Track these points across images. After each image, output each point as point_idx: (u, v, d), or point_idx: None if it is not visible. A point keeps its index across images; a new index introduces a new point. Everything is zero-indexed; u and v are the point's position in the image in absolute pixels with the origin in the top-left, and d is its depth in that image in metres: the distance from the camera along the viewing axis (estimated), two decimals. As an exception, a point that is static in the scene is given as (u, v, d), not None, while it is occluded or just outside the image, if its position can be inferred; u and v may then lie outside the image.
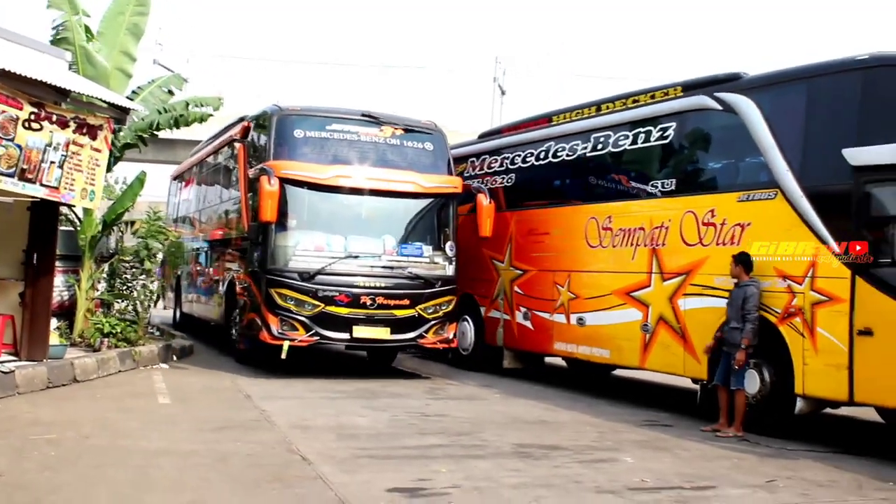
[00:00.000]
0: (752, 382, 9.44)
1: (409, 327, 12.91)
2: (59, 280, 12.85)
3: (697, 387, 10.83)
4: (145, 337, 14.08)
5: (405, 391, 11.94)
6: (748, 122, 9.90)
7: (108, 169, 13.35)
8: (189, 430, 8.38)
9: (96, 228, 13.75)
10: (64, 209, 12.32)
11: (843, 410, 10.29)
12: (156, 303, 15.08)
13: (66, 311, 13.47)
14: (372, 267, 12.83)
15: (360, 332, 12.58)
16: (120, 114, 10.84)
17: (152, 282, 14.81)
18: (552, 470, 7.34)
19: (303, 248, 12.58)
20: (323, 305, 12.45)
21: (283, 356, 12.32)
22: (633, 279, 11.30)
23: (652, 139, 11.43)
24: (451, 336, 13.32)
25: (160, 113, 14.72)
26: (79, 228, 13.73)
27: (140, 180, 15.03)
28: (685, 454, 8.27)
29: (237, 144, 14.80)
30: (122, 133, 13.87)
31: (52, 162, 9.67)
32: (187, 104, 15.30)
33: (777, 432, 9.29)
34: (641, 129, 11.63)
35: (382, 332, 12.71)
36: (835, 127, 8.98)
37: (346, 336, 12.58)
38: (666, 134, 11.22)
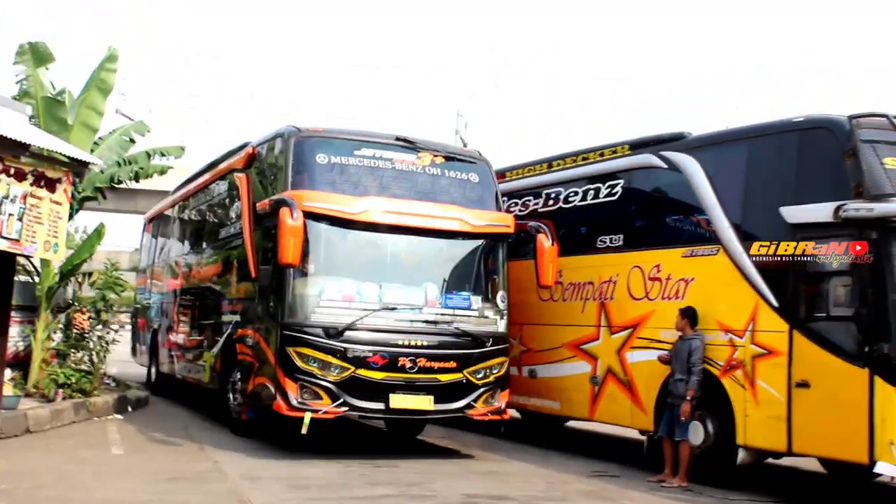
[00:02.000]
0: (696, 434, 9.65)
1: (456, 395, 10.60)
2: (14, 330, 12.64)
3: (645, 438, 10.88)
4: (101, 388, 13.84)
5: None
6: (691, 181, 10.27)
7: (69, 219, 12.94)
8: (142, 480, 8.54)
9: (54, 279, 13.75)
10: (21, 259, 12.12)
11: (788, 461, 10.31)
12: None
13: (21, 362, 13.10)
14: (412, 322, 10.53)
15: (399, 401, 10.23)
16: (79, 167, 10.79)
17: (108, 333, 14.36)
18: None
19: (328, 297, 10.25)
20: (353, 368, 10.10)
21: (304, 430, 9.94)
22: (582, 332, 11.55)
23: (601, 195, 11.75)
24: (503, 405, 10.99)
25: (120, 165, 15.11)
26: (36, 279, 13.72)
27: (98, 232, 15.28)
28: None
29: (239, 175, 12.42)
30: (81, 185, 13.80)
31: (10, 214, 9.55)
32: (149, 155, 15.90)
33: (720, 482, 9.46)
34: (591, 186, 11.97)
35: (425, 402, 10.37)
36: (773, 186, 9.37)
37: (380, 406, 10.23)
38: (614, 191, 11.55)
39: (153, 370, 17.49)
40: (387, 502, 8.00)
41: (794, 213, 8.85)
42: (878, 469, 8.16)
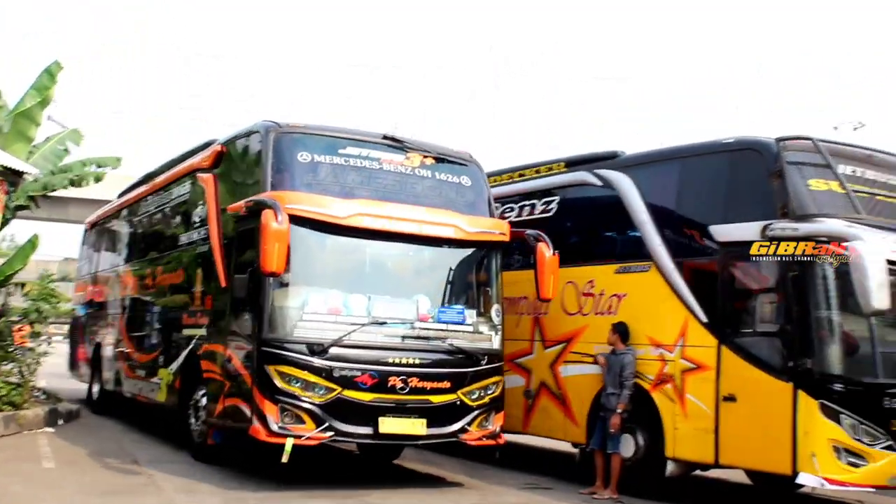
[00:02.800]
0: (627, 446, 9.78)
1: (450, 418, 9.69)
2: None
3: (577, 451, 11.07)
4: (31, 401, 13.37)
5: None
6: (625, 198, 10.41)
7: (1, 227, 14.19)
8: (75, 493, 8.49)
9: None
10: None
11: (715, 472, 10.41)
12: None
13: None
14: (403, 338, 9.59)
15: (389, 425, 9.28)
16: (14, 177, 10.80)
17: (40, 345, 13.86)
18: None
19: (312, 310, 9.26)
20: (340, 389, 9.13)
21: (286, 458, 8.92)
22: (516, 346, 11.41)
23: (536, 212, 11.87)
24: (497, 429, 10.09)
25: (54, 173, 15.25)
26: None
27: (32, 243, 15.41)
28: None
29: (204, 176, 11.40)
30: (14, 194, 13.68)
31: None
32: (84, 164, 16.08)
33: (650, 494, 9.59)
34: (527, 202, 12.07)
35: (417, 426, 9.44)
36: (704, 205, 9.58)
37: (368, 431, 9.28)
38: (549, 207, 11.71)
39: (96, 387, 16.15)
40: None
41: (724, 232, 9.04)
42: (800, 480, 8.30)
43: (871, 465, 8.16)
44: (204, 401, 10.60)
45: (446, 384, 9.58)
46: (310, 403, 9.03)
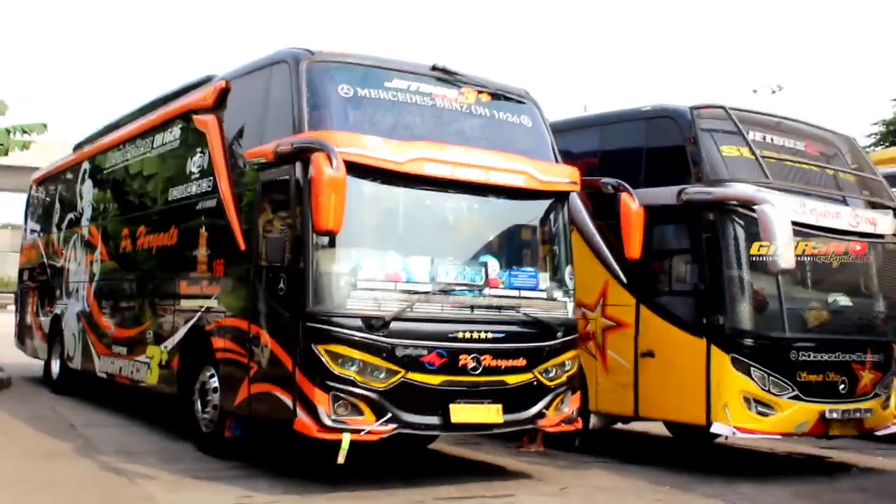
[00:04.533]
0: None
1: (526, 401, 8.18)
2: None
3: None
4: None
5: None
6: None
7: None
8: (16, 458, 8.58)
9: None
10: None
11: (638, 426, 10.97)
12: None
13: None
14: (472, 308, 7.97)
15: (462, 413, 7.73)
16: None
17: None
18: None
19: (367, 276, 7.58)
20: (404, 372, 7.52)
21: (342, 459, 7.32)
22: None
23: None
24: (574, 412, 8.60)
25: None
26: None
27: None
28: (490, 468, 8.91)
29: (203, 119, 9.59)
30: None
31: None
32: (8, 131, 15.85)
33: (574, 447, 9.64)
34: None
35: (492, 413, 7.89)
36: (623, 170, 9.39)
37: (437, 421, 7.71)
38: None
39: (56, 364, 14.16)
40: (259, 472, 8.33)
41: (641, 196, 8.96)
42: (714, 429, 8.66)
43: (779, 414, 8.62)
44: (215, 385, 8.88)
45: (522, 362, 8.05)
46: (369, 390, 7.41)
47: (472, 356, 7.73)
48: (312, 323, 7.43)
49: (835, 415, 8.83)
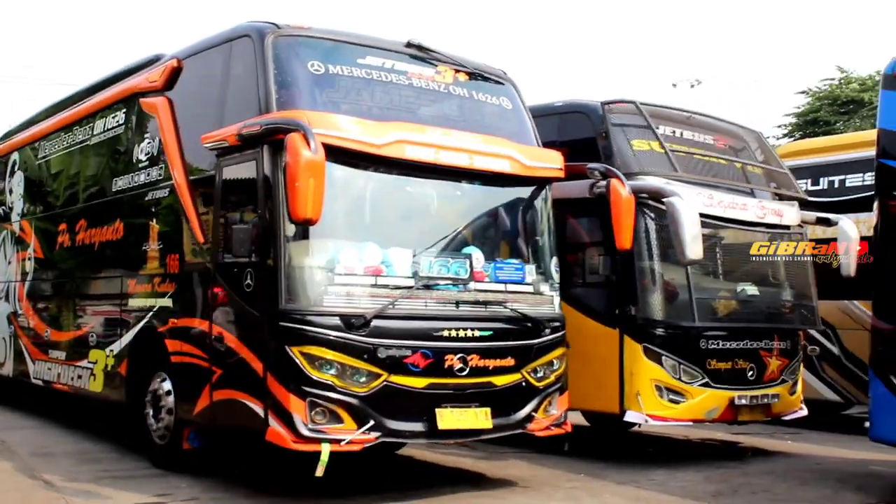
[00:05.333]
0: None
1: (514, 404, 7.59)
2: None
3: None
4: None
5: None
6: None
7: None
8: None
9: None
10: None
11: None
12: None
13: None
14: (457, 304, 7.33)
15: (449, 419, 7.10)
16: None
17: None
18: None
19: (345, 270, 6.88)
20: (386, 374, 6.84)
21: (321, 472, 6.61)
22: None
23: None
24: (563, 414, 8.02)
25: None
26: None
27: None
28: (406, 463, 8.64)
29: (152, 101, 8.79)
30: None
31: None
32: None
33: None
34: None
35: (481, 417, 7.27)
36: None
37: (422, 428, 7.05)
38: None
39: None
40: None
41: (556, 189, 8.65)
42: (627, 418, 8.80)
43: (690, 401, 8.81)
44: (168, 391, 8.10)
45: (510, 361, 7.46)
46: (349, 395, 6.74)
47: (458, 356, 7.11)
48: (285, 322, 6.72)
49: (743, 401, 9.06)
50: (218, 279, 7.47)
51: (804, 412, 9.96)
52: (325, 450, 6.57)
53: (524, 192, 8.12)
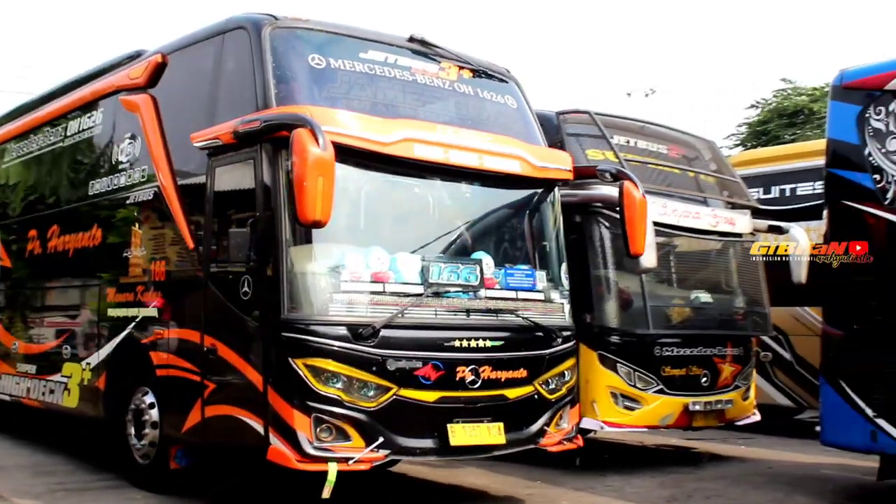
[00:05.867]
0: None
1: (527, 418, 7.17)
2: None
3: None
4: None
5: None
6: None
7: None
8: None
9: None
10: None
11: None
12: None
13: None
14: (468, 312, 6.91)
15: (461, 435, 6.67)
16: None
17: None
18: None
19: (351, 276, 6.43)
20: (396, 388, 6.40)
21: (327, 493, 6.16)
22: None
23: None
24: (574, 428, 7.63)
25: None
26: None
27: None
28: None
29: (134, 99, 8.29)
30: None
31: None
32: None
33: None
34: None
35: (493, 433, 6.85)
36: None
37: (433, 445, 6.62)
38: None
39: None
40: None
41: None
42: (583, 424, 8.54)
43: (645, 407, 8.87)
44: (150, 407, 7.59)
45: (523, 373, 7.05)
46: (356, 410, 6.28)
47: (470, 368, 6.69)
48: (288, 333, 6.26)
49: (697, 407, 9.13)
50: (210, 287, 6.98)
51: (757, 417, 10.09)
52: (333, 469, 6.12)
53: (532, 194, 7.74)
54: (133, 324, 7.99)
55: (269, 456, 6.27)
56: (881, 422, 7.33)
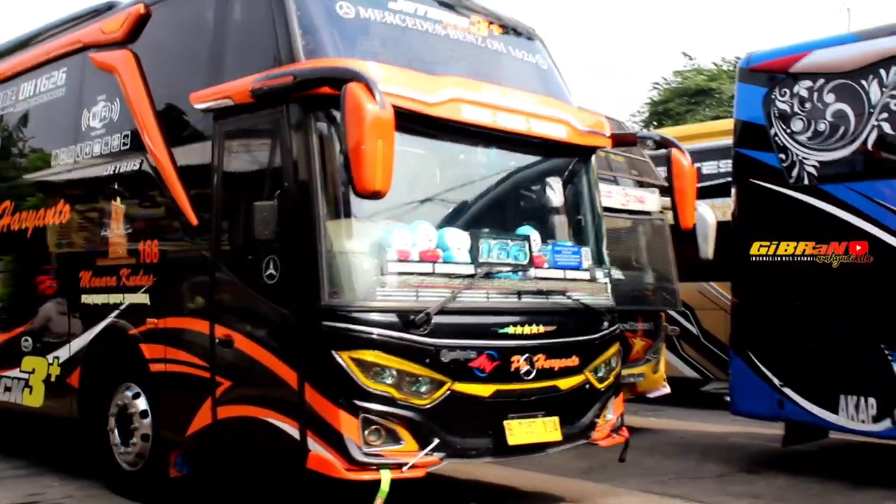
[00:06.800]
0: None
1: (580, 410, 6.47)
2: None
3: None
4: None
5: None
6: None
7: None
8: None
9: None
10: None
11: None
12: None
13: None
14: (519, 294, 6.15)
15: (518, 431, 5.95)
16: None
17: None
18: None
19: (398, 256, 5.60)
20: (450, 382, 5.61)
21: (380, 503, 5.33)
22: None
23: None
24: (619, 420, 6.95)
25: None
26: None
27: None
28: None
29: (112, 56, 7.28)
30: None
31: None
32: None
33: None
34: None
35: (549, 429, 6.13)
36: None
37: (489, 444, 5.85)
38: None
39: None
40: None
41: None
42: None
43: None
44: (143, 408, 6.64)
45: (575, 361, 6.34)
46: (409, 409, 5.49)
47: (524, 357, 5.95)
48: (331, 322, 5.41)
49: None
50: (223, 269, 6.08)
51: (668, 390, 10.30)
52: (386, 478, 5.31)
53: (573, 162, 6.99)
54: (116, 312, 7.00)
55: (310, 464, 5.43)
56: (787, 390, 7.67)
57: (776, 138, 7.91)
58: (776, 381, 7.71)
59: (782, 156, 7.88)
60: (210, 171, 6.18)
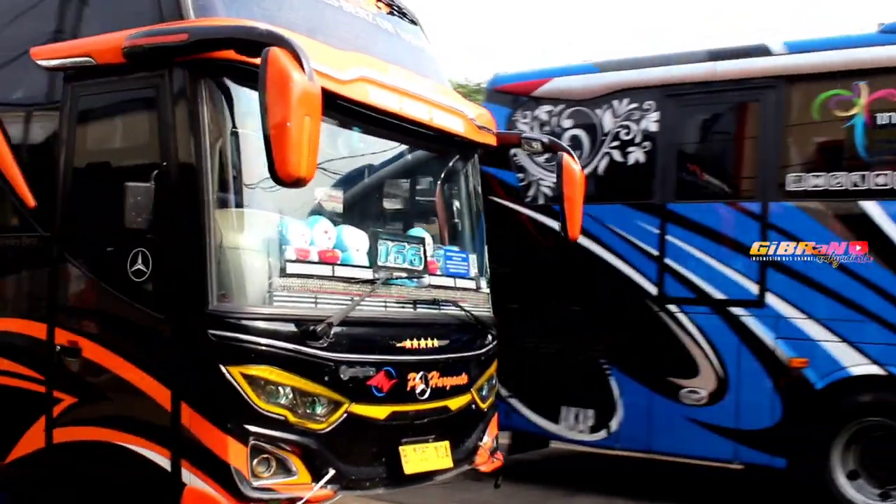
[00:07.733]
0: None
1: (465, 433, 5.93)
2: None
3: None
4: None
5: None
6: None
7: None
8: None
9: None
10: None
11: None
12: None
13: None
14: (414, 304, 5.54)
15: (413, 458, 5.33)
16: None
17: None
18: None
19: (297, 254, 4.83)
20: (348, 403, 4.90)
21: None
22: None
23: None
24: (495, 443, 6.47)
25: None
26: None
27: None
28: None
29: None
30: None
31: None
32: None
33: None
34: None
35: (441, 454, 5.57)
36: None
37: (384, 473, 5.19)
38: None
39: None
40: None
41: None
42: None
43: None
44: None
45: (464, 378, 5.80)
46: (304, 434, 4.72)
47: (420, 375, 5.33)
48: (220, 331, 4.54)
49: None
50: (69, 261, 5.03)
51: None
52: (277, 516, 4.52)
53: (462, 159, 6.43)
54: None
55: (186, 501, 4.53)
56: (513, 401, 8.00)
57: (515, 158, 8.18)
58: (503, 392, 7.77)
59: (520, 175, 8.21)
60: (57, 142, 5.10)
